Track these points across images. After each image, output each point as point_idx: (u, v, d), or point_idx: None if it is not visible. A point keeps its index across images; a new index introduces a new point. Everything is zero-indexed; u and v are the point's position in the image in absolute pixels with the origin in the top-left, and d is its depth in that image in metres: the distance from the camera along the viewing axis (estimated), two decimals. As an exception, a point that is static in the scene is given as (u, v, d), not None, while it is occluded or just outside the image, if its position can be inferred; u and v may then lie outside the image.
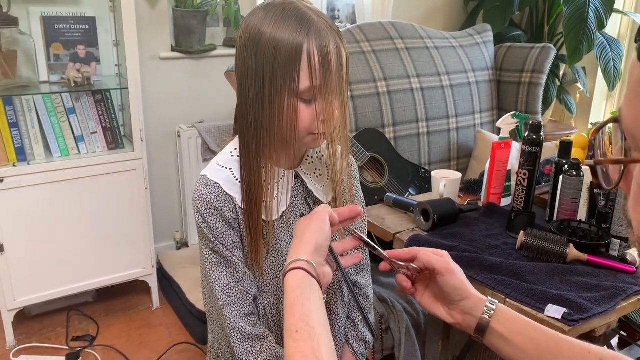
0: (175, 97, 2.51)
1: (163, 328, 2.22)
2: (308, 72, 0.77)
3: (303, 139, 0.83)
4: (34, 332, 2.15)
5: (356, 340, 1.03)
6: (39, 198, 1.98)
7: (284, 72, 0.77)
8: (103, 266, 2.17)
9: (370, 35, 2.12)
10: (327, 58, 0.78)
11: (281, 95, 0.79)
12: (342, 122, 0.85)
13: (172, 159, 2.58)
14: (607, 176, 0.45)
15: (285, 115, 0.80)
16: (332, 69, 0.79)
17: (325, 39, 0.78)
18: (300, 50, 0.76)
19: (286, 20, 0.78)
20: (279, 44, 0.77)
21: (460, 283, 0.78)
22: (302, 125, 0.81)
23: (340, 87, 0.81)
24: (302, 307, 0.68)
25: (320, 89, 0.79)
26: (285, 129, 0.81)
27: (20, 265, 1.99)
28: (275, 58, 0.77)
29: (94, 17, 2.08)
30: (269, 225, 0.88)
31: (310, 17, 0.78)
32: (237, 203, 0.87)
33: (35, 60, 2.01)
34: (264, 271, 0.90)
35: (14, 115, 1.94)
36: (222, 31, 2.62)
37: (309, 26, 0.77)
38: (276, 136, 0.82)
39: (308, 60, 0.77)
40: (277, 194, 0.88)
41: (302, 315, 0.67)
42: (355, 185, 1.01)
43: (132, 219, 2.18)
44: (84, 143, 2.08)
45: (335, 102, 0.81)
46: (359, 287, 1.05)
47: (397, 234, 1.36)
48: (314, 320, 0.67)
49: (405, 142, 2.10)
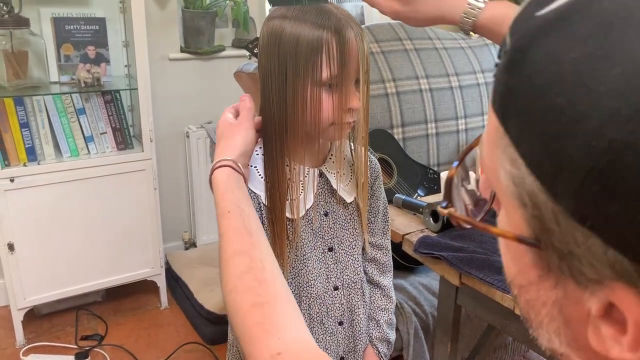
0: (184, 98, 2.52)
1: (171, 328, 2.22)
2: (329, 61, 0.79)
3: (326, 130, 0.85)
4: (43, 331, 2.16)
5: (380, 340, 1.04)
6: (49, 198, 1.99)
7: (306, 63, 0.79)
8: (112, 266, 2.18)
9: (379, 36, 2.11)
10: (347, 47, 0.80)
11: (304, 86, 0.81)
12: (363, 120, 0.87)
13: (181, 159, 2.58)
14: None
15: (309, 105, 0.82)
16: (352, 58, 0.81)
17: (345, 29, 0.80)
18: (321, 39, 0.79)
19: (306, 14, 0.80)
20: (300, 37, 0.79)
21: None
22: (325, 115, 0.83)
23: (362, 77, 0.83)
24: (232, 194, 0.75)
25: (341, 78, 0.81)
26: (309, 120, 0.83)
27: (30, 264, 2.01)
28: (297, 50, 0.79)
29: (104, 18, 2.09)
30: (293, 223, 0.89)
31: (330, 10, 0.81)
32: (261, 201, 0.88)
33: (45, 61, 2.02)
34: (287, 269, 0.91)
35: (24, 116, 1.96)
36: (231, 32, 2.63)
37: (329, 17, 0.80)
38: (300, 130, 0.84)
39: (328, 49, 0.79)
40: (302, 192, 0.89)
41: (233, 200, 0.74)
42: (378, 186, 1.01)
43: (141, 219, 2.18)
44: (94, 143, 2.09)
45: (357, 92, 0.83)
46: (382, 288, 1.05)
47: (406, 235, 1.36)
48: (243, 204, 0.74)
49: (414, 143, 2.09)
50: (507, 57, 0.32)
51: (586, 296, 0.30)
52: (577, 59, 0.27)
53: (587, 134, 0.26)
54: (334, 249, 0.96)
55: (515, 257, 0.35)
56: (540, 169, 0.29)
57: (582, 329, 0.31)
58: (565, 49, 0.28)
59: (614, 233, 0.27)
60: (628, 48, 0.26)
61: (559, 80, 0.28)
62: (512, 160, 0.31)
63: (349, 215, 0.97)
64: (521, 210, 0.31)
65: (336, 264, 0.97)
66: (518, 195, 0.31)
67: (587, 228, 0.28)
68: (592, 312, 0.30)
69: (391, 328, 1.06)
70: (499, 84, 0.32)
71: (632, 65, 0.25)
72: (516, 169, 0.31)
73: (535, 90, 0.29)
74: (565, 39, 0.28)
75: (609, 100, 0.26)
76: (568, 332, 0.33)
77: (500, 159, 0.32)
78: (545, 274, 0.32)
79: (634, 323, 0.28)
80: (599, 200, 0.26)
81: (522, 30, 0.31)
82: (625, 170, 0.25)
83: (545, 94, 0.28)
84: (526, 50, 0.30)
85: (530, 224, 0.31)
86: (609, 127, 0.25)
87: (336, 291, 0.97)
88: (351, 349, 1.01)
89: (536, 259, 0.32)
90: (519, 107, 0.30)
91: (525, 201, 0.31)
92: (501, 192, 0.33)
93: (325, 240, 0.95)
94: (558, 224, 0.29)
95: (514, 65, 0.31)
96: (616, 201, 0.26)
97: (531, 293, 0.34)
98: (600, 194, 0.26)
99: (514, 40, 0.32)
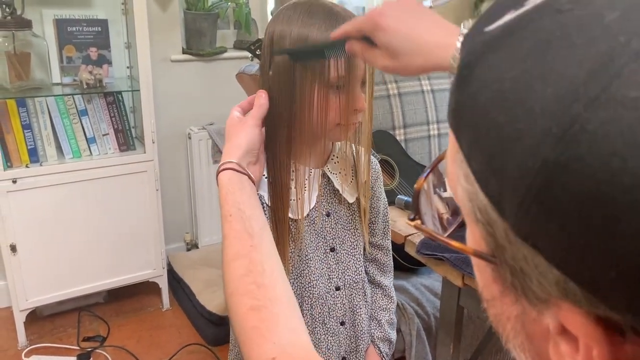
0: (186, 99, 2.52)
1: (173, 329, 2.22)
2: (337, 62, 0.80)
3: (332, 131, 0.85)
4: (45, 332, 2.16)
5: (382, 340, 1.04)
6: (51, 199, 1.99)
7: (314, 64, 0.80)
8: (114, 267, 2.18)
9: (381, 37, 2.11)
10: None
11: (311, 86, 0.81)
12: (368, 121, 0.88)
13: (183, 160, 2.58)
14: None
15: (316, 106, 0.82)
16: (360, 60, 0.81)
17: None
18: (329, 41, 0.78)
19: (313, 15, 0.80)
20: (308, 38, 0.79)
21: (404, 38, 0.68)
22: (331, 116, 0.83)
23: (368, 79, 0.84)
24: (233, 196, 0.75)
25: (348, 79, 0.81)
26: (315, 121, 0.83)
27: (32, 265, 2.01)
28: None
29: (106, 20, 2.09)
30: (296, 224, 0.89)
31: (337, 11, 0.81)
32: (265, 201, 0.88)
33: (48, 62, 2.03)
34: (289, 269, 0.91)
35: (27, 117, 1.96)
36: (233, 34, 2.63)
37: (336, 18, 0.80)
38: (306, 130, 0.84)
39: None
40: (304, 192, 0.89)
41: (234, 202, 0.75)
42: (379, 187, 1.01)
43: (143, 220, 2.18)
44: (96, 144, 2.09)
45: (362, 94, 0.84)
46: (382, 287, 1.06)
47: (409, 236, 1.36)
48: (245, 206, 0.74)
49: (416, 144, 2.09)
50: (457, 74, 0.32)
51: (539, 314, 0.30)
52: (515, 76, 0.28)
53: (524, 153, 0.26)
54: (336, 249, 0.97)
55: (479, 271, 0.35)
56: (488, 186, 0.29)
57: (544, 345, 0.31)
58: (507, 66, 0.28)
59: (556, 253, 0.27)
60: (561, 68, 0.26)
61: (500, 98, 0.28)
62: (466, 176, 0.31)
63: (350, 215, 0.97)
64: (477, 226, 0.31)
65: (338, 264, 0.97)
66: (473, 211, 0.31)
67: (531, 247, 0.27)
68: (551, 328, 0.30)
69: (392, 328, 1.07)
70: (451, 100, 0.32)
71: (563, 85, 0.26)
72: (470, 185, 0.31)
73: (479, 107, 0.29)
74: (507, 56, 0.29)
75: (542, 119, 0.26)
76: (532, 347, 0.33)
77: (457, 174, 0.32)
78: (505, 289, 0.32)
79: (583, 343, 0.28)
80: (538, 220, 0.26)
81: (470, 46, 0.32)
82: (559, 190, 0.25)
83: (488, 112, 0.28)
84: (473, 67, 0.30)
85: (486, 240, 0.31)
86: (542, 146, 0.26)
87: (338, 291, 0.97)
88: (353, 349, 1.01)
89: (495, 274, 0.32)
90: (467, 124, 0.30)
91: (479, 217, 0.31)
92: (461, 206, 0.33)
93: (327, 240, 0.96)
94: (509, 241, 0.29)
95: (462, 81, 0.31)
96: (554, 221, 0.26)
97: (496, 307, 0.34)
98: (539, 214, 0.26)
99: (463, 56, 0.32)
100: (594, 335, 0.27)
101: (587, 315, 0.27)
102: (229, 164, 0.78)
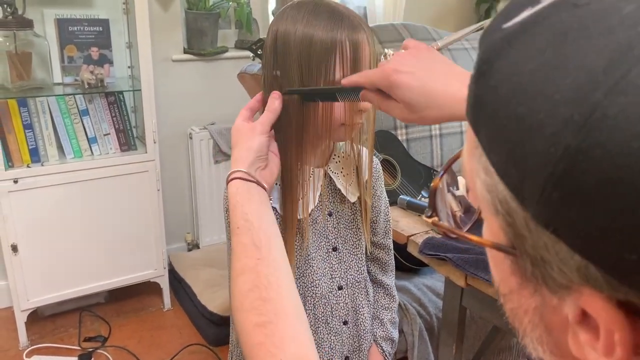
0: (187, 99, 2.52)
1: (174, 329, 2.22)
2: (342, 62, 0.80)
3: (336, 131, 0.85)
4: (46, 333, 2.16)
5: (384, 339, 1.05)
6: (52, 199, 1.99)
7: (319, 63, 0.80)
8: (115, 267, 2.18)
9: (383, 37, 2.11)
10: (360, 49, 0.80)
11: (317, 86, 0.81)
12: (370, 123, 0.88)
13: (184, 160, 2.58)
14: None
15: (321, 106, 0.82)
16: (364, 60, 0.81)
17: (357, 31, 0.80)
18: (334, 41, 0.79)
19: (318, 15, 0.80)
20: (313, 38, 0.79)
21: (419, 94, 0.69)
22: (336, 116, 0.83)
23: None
24: (242, 207, 0.74)
25: None
26: (320, 121, 0.83)
27: (33, 265, 2.00)
28: (310, 51, 0.79)
29: (107, 20, 2.09)
30: (300, 224, 0.90)
31: (341, 11, 0.81)
32: (278, 211, 0.88)
33: (49, 62, 2.03)
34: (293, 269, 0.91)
35: (28, 117, 1.96)
36: (234, 33, 2.63)
37: (341, 19, 0.80)
38: (312, 130, 0.84)
39: (342, 50, 0.79)
40: (307, 192, 0.89)
41: (242, 214, 0.74)
42: (380, 186, 1.02)
43: (144, 220, 2.18)
44: (97, 144, 2.09)
45: None
46: (384, 287, 1.06)
47: (411, 237, 1.36)
48: (253, 216, 0.73)
49: (418, 144, 2.09)
50: (476, 69, 0.33)
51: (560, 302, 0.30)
52: (535, 68, 0.28)
53: (546, 141, 0.27)
54: (338, 248, 0.97)
55: (496, 265, 0.36)
56: (508, 176, 0.30)
57: (563, 336, 0.32)
58: (525, 59, 0.29)
59: (578, 239, 0.27)
60: (580, 58, 0.27)
61: (520, 90, 0.29)
62: (485, 169, 0.32)
63: (352, 215, 0.98)
64: (496, 218, 0.32)
65: (340, 264, 0.97)
66: (492, 203, 0.32)
67: (552, 234, 0.28)
68: (570, 318, 0.30)
69: (394, 327, 1.07)
70: (470, 95, 0.34)
71: (583, 74, 0.26)
72: (489, 177, 0.32)
73: (499, 100, 0.30)
74: (525, 50, 0.29)
75: (563, 108, 0.27)
76: (550, 339, 0.34)
77: (476, 167, 0.33)
78: (523, 281, 0.33)
79: (604, 328, 0.28)
80: (560, 206, 0.27)
81: (489, 42, 0.33)
82: (581, 176, 0.26)
83: (508, 104, 0.29)
84: (492, 62, 0.31)
85: (506, 232, 0.32)
86: (564, 134, 0.26)
87: (340, 291, 0.97)
88: (356, 348, 1.01)
89: (514, 266, 0.33)
90: (487, 117, 0.31)
91: (499, 209, 0.32)
92: (479, 200, 0.34)
93: (329, 240, 0.96)
94: (529, 230, 0.30)
95: (481, 76, 0.32)
96: (576, 208, 0.26)
97: (514, 301, 0.35)
98: (561, 201, 0.27)
99: (481, 52, 0.33)
100: (615, 320, 0.28)
101: (608, 300, 0.28)
102: (236, 173, 0.77)
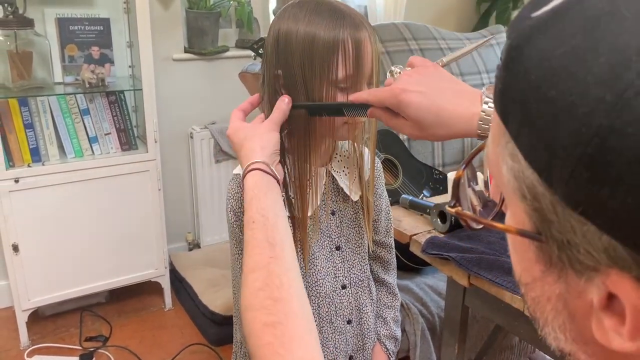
0: (188, 99, 2.51)
1: (176, 329, 2.22)
2: (345, 61, 0.79)
3: (339, 129, 0.85)
4: (47, 332, 2.16)
5: (388, 337, 1.05)
6: (53, 199, 1.98)
7: (322, 62, 0.79)
8: (116, 267, 2.17)
9: (384, 36, 2.11)
10: (362, 47, 0.80)
11: (319, 85, 0.81)
12: (372, 122, 0.88)
13: (185, 160, 2.58)
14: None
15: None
16: (367, 59, 0.81)
17: (359, 30, 0.80)
18: (337, 40, 0.79)
19: (320, 14, 0.80)
20: (315, 36, 0.79)
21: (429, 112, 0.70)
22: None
23: (374, 77, 0.84)
24: (259, 201, 0.73)
25: (356, 78, 0.81)
26: (323, 119, 0.83)
27: (34, 265, 2.00)
28: (312, 50, 0.79)
29: (108, 19, 2.08)
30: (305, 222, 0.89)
31: (343, 10, 0.81)
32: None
33: (50, 62, 2.02)
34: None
35: (29, 116, 1.95)
36: (235, 32, 2.62)
37: (343, 17, 0.80)
38: (317, 130, 0.84)
39: (344, 49, 0.79)
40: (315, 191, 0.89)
41: (259, 208, 0.72)
42: (380, 185, 1.02)
43: (145, 220, 2.18)
44: (98, 144, 2.08)
45: None
46: (387, 285, 1.07)
47: (414, 236, 1.35)
48: (269, 212, 0.72)
49: (419, 144, 2.08)
50: (505, 56, 0.33)
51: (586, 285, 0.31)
52: (566, 52, 0.29)
53: (577, 122, 0.27)
54: (341, 247, 0.97)
55: (520, 253, 0.37)
56: (537, 160, 0.30)
57: (587, 322, 0.32)
58: (556, 44, 0.30)
59: (607, 219, 0.27)
60: (612, 40, 0.27)
61: (551, 74, 0.29)
62: (512, 155, 0.32)
63: (354, 213, 0.98)
64: (522, 204, 0.33)
65: (343, 263, 0.97)
66: (519, 188, 0.32)
67: (581, 215, 0.28)
68: (594, 303, 0.30)
69: (397, 325, 1.08)
70: (498, 82, 0.34)
71: (615, 55, 0.27)
72: (516, 163, 0.32)
73: (530, 85, 0.30)
74: (556, 35, 0.30)
75: (595, 88, 0.27)
76: (573, 326, 0.34)
77: (502, 154, 0.34)
78: (547, 268, 0.33)
79: (631, 309, 0.28)
80: (590, 186, 0.27)
81: (518, 30, 0.33)
82: (613, 154, 0.26)
83: (539, 88, 0.30)
84: (522, 48, 0.32)
85: (532, 217, 0.33)
86: (596, 113, 0.27)
87: (344, 289, 0.97)
88: (360, 347, 1.01)
89: (538, 253, 0.33)
90: (517, 103, 0.32)
91: (525, 194, 0.32)
92: (504, 187, 0.35)
93: (333, 239, 0.96)
94: (556, 213, 0.30)
95: (511, 62, 0.33)
96: (606, 187, 0.27)
97: (536, 290, 0.35)
98: (591, 180, 0.27)
99: (511, 40, 0.34)
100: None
101: (636, 280, 0.28)
102: (256, 164, 0.75)
